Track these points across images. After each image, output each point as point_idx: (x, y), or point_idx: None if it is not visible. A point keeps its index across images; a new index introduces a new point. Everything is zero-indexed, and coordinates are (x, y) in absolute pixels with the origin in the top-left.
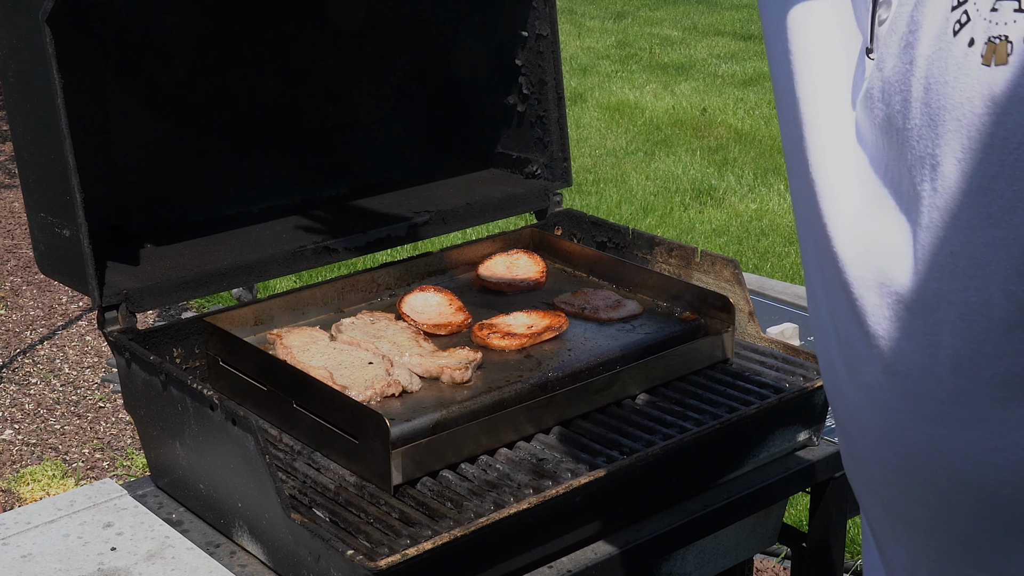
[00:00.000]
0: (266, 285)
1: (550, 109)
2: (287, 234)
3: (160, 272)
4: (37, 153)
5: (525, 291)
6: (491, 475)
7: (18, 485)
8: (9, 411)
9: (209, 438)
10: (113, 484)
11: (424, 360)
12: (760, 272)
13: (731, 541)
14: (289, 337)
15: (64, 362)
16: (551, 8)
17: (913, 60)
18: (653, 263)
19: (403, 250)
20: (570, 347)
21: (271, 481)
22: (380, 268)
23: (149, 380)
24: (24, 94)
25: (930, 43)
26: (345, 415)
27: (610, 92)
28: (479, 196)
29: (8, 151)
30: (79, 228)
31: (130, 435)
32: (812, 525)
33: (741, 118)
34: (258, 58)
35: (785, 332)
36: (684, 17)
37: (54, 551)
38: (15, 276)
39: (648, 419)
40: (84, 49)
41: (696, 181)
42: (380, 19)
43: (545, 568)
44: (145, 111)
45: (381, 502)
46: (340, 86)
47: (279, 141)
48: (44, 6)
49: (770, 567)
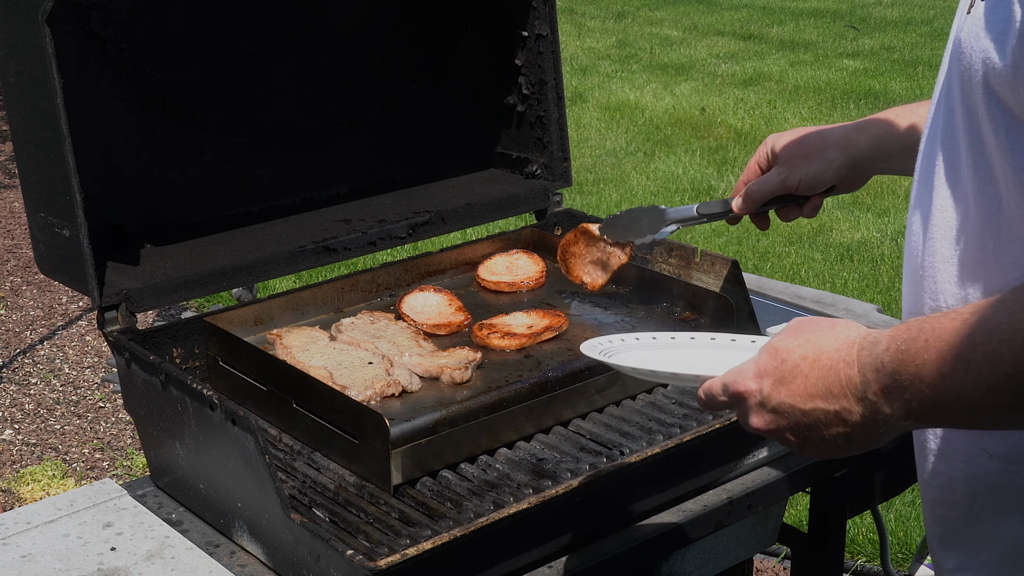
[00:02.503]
0: (266, 285)
1: (550, 109)
2: (287, 234)
3: (160, 272)
4: (37, 153)
5: (525, 291)
6: (491, 475)
7: (18, 485)
8: (9, 411)
9: (209, 438)
10: (113, 484)
11: (424, 360)
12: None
13: (731, 541)
14: (289, 337)
15: (64, 362)
16: (551, 8)
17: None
18: (653, 263)
19: (403, 250)
20: (570, 347)
21: (271, 481)
22: (380, 268)
23: (149, 380)
24: (24, 94)
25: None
26: (345, 415)
27: (610, 92)
28: (479, 196)
29: (8, 151)
30: (79, 228)
31: (130, 435)
32: (812, 525)
33: (741, 118)
34: (258, 58)
35: None
36: (684, 17)
37: (54, 551)
38: (15, 276)
39: (648, 419)
40: (84, 49)
41: (696, 181)
42: (380, 18)
43: (545, 568)
44: (145, 111)
45: (381, 502)
46: (340, 86)
47: (279, 141)
48: (44, 6)
49: (770, 567)
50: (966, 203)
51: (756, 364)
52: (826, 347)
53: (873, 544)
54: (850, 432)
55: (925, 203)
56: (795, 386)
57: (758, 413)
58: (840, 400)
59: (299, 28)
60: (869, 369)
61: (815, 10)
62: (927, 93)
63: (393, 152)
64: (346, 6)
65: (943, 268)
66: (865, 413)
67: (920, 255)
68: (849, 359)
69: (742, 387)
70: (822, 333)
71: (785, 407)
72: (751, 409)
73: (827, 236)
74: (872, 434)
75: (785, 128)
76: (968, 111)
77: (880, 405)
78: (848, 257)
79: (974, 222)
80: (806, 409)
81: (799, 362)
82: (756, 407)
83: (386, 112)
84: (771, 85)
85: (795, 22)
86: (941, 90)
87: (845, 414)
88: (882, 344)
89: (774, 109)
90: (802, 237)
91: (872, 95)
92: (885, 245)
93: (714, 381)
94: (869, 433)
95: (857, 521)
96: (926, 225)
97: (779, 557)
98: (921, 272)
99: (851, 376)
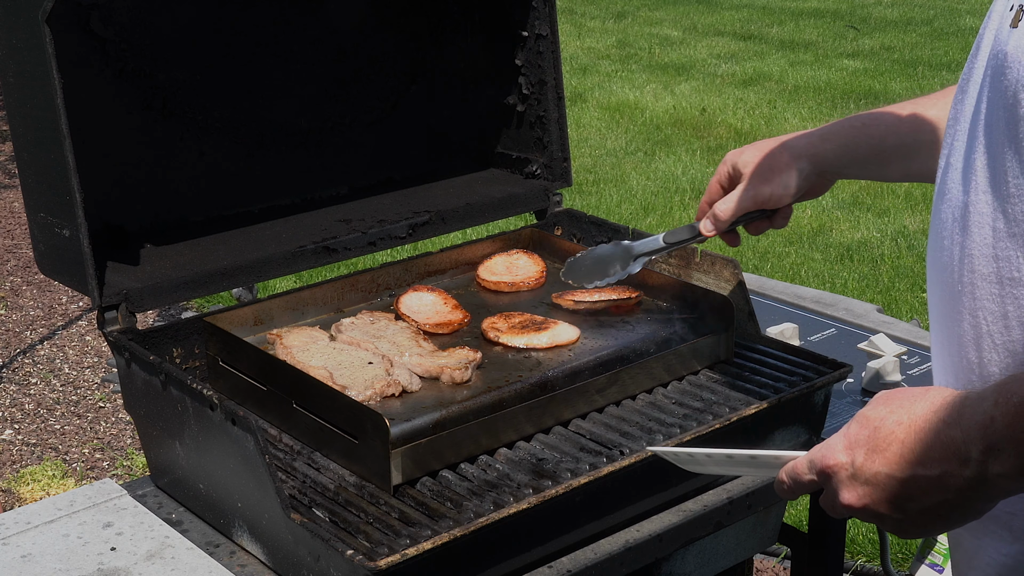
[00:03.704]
0: (266, 285)
1: (550, 109)
2: (287, 234)
3: (160, 272)
4: (37, 153)
5: (525, 291)
6: (491, 475)
7: (18, 485)
8: (9, 411)
9: (209, 438)
10: (113, 484)
11: (424, 360)
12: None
13: (731, 541)
14: (289, 337)
15: (64, 362)
16: (551, 8)
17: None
18: (653, 263)
19: (403, 250)
20: (570, 347)
21: (271, 481)
22: (380, 268)
23: (149, 380)
24: (24, 94)
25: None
26: (345, 415)
27: (610, 92)
28: (479, 196)
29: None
30: (79, 228)
31: (130, 435)
32: (812, 525)
33: (741, 118)
34: (258, 58)
35: (785, 332)
36: (684, 17)
37: (54, 551)
38: (15, 276)
39: (648, 419)
40: (84, 49)
41: (696, 181)
42: (380, 18)
43: (545, 568)
44: (145, 111)
45: (381, 502)
46: (340, 86)
47: (279, 141)
48: (44, 6)
49: (770, 567)
50: (1010, 222)
51: (846, 436)
52: (922, 410)
53: (873, 544)
54: (953, 499)
55: (962, 219)
56: (890, 454)
57: (850, 487)
58: (942, 464)
59: (299, 28)
60: (975, 427)
61: (815, 10)
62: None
63: (393, 152)
64: (346, 6)
65: (983, 286)
66: (970, 476)
67: (958, 272)
68: (951, 419)
69: (832, 460)
70: (916, 398)
71: (881, 478)
72: (842, 484)
73: (827, 236)
74: (978, 499)
75: (786, 128)
76: (1012, 130)
77: (988, 464)
78: (848, 257)
79: (1018, 240)
80: (903, 478)
81: (894, 428)
82: (848, 480)
83: (386, 112)
84: (771, 85)
85: (795, 22)
86: (976, 106)
87: (948, 479)
88: (989, 400)
89: (774, 109)
90: (802, 237)
91: (872, 95)
92: (885, 245)
93: (799, 460)
94: (974, 498)
95: (857, 521)
96: (964, 242)
97: (779, 557)
98: (959, 288)
99: (954, 437)
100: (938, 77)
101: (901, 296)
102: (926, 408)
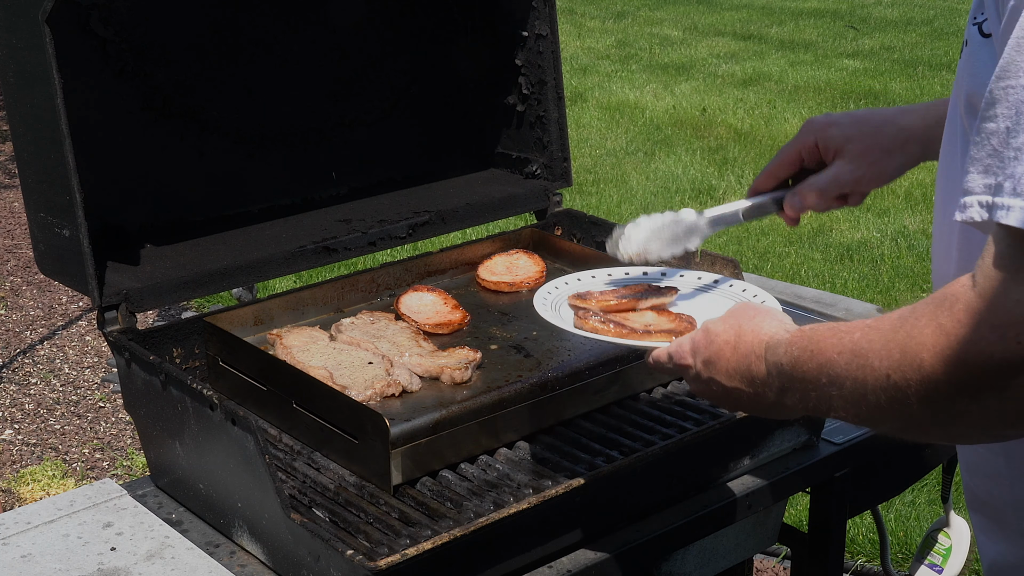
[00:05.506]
0: (266, 285)
1: (550, 109)
2: (287, 234)
3: (160, 272)
4: (37, 153)
5: (525, 291)
6: (491, 475)
7: (18, 485)
8: (9, 411)
9: (209, 438)
10: (113, 484)
11: (424, 360)
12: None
13: (731, 541)
14: (289, 337)
15: (64, 362)
16: (551, 8)
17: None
18: None
19: (403, 250)
20: (570, 347)
21: (271, 481)
22: (380, 268)
23: (149, 380)
24: (24, 94)
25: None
26: (345, 415)
27: (610, 92)
28: (479, 196)
29: (8, 151)
30: (79, 228)
31: (130, 435)
32: (812, 525)
33: (741, 118)
34: (258, 58)
35: None
36: (684, 17)
37: (54, 551)
38: (15, 276)
39: (648, 419)
40: (84, 49)
41: (696, 181)
42: (380, 18)
43: (545, 568)
44: (145, 111)
45: (381, 502)
46: (340, 86)
47: (279, 141)
48: (44, 6)
49: (770, 567)
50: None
51: (693, 340)
52: (745, 335)
53: (873, 544)
54: (768, 408)
55: (957, 231)
56: (719, 368)
57: (695, 384)
58: (753, 386)
59: (299, 28)
60: (773, 367)
61: (815, 10)
62: (927, 93)
63: (393, 152)
64: (346, 6)
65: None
66: (773, 400)
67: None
68: (759, 355)
69: (681, 361)
70: (745, 320)
71: (714, 384)
72: (689, 380)
73: (827, 236)
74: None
75: (786, 128)
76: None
77: (784, 397)
78: (848, 257)
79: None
80: (729, 388)
81: (723, 347)
82: (693, 379)
83: (386, 112)
84: (771, 85)
85: (795, 22)
86: (951, 115)
87: (759, 398)
88: (783, 346)
89: (774, 109)
90: (802, 237)
91: (872, 95)
92: (885, 245)
93: (661, 351)
94: (782, 411)
95: (857, 521)
96: (961, 255)
97: (779, 557)
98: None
99: (760, 370)
100: (938, 77)
101: (901, 296)
102: (749, 338)
